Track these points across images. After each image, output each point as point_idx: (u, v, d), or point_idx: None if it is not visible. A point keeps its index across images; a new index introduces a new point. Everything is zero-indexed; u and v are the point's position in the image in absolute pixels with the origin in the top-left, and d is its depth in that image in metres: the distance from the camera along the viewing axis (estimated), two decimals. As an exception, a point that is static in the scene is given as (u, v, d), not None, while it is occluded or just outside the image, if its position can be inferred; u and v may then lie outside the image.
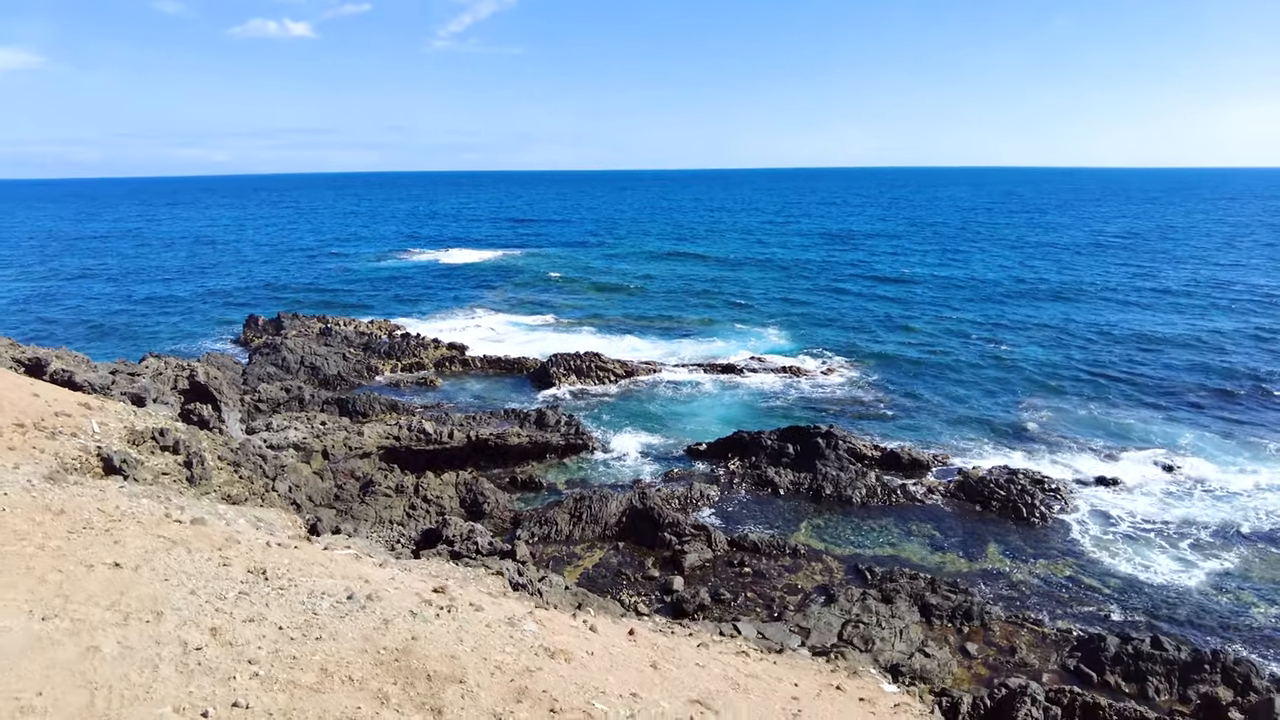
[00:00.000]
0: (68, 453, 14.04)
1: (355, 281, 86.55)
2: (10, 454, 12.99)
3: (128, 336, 60.30)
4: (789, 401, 42.95)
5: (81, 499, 10.47)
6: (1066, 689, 15.81)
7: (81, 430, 15.43)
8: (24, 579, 8.49)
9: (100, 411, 17.04)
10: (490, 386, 46.01)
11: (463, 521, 22.87)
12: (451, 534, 21.46)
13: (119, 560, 9.27)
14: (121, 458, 14.60)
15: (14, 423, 14.35)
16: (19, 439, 13.80)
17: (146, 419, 17.86)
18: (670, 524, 26.67)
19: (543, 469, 33.65)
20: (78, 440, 14.83)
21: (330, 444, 30.36)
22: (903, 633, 21.14)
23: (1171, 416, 39.36)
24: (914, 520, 29.01)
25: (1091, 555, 26.22)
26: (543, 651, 9.53)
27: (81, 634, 7.61)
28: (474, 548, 21.06)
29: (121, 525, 10.07)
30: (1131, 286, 76.82)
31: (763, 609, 23.11)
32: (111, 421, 16.74)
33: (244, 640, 8.21)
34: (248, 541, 10.48)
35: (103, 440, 15.46)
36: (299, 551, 10.50)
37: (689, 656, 11.43)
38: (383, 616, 9.37)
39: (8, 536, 9.35)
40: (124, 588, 8.72)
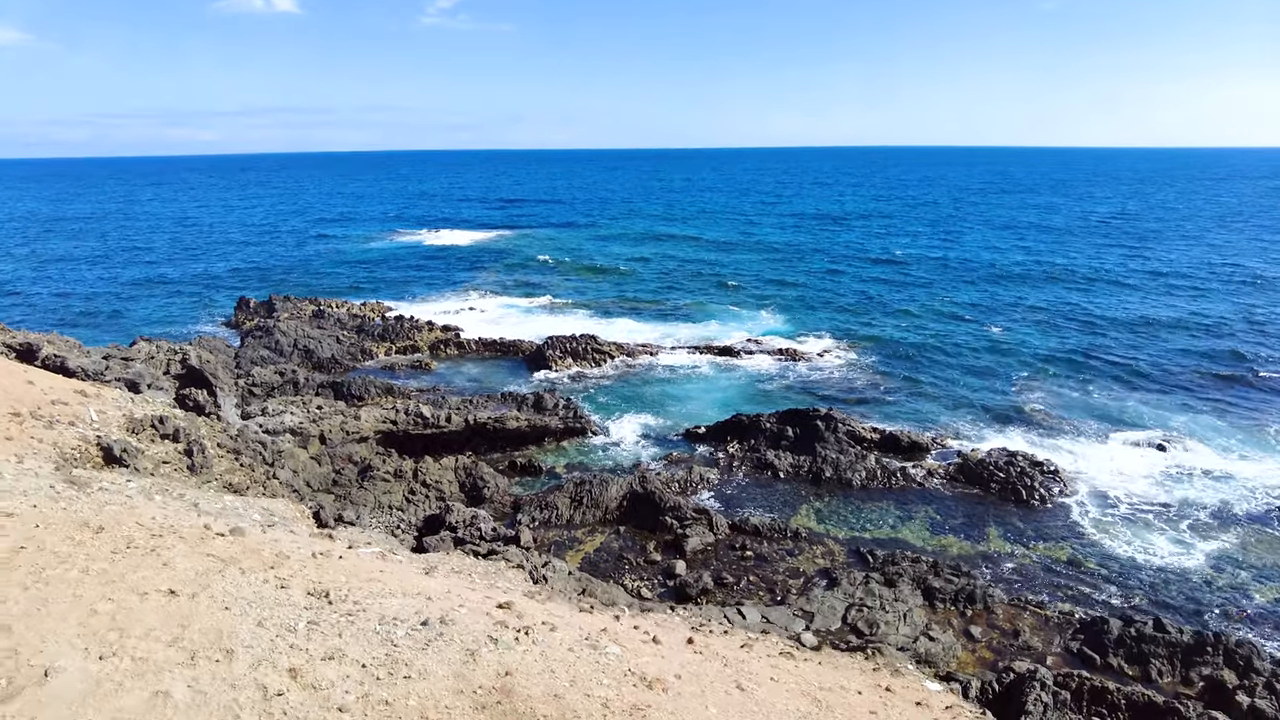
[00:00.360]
0: (67, 442, 13.72)
1: (345, 263, 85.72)
2: (8, 445, 12.67)
3: (115, 320, 59.51)
4: (786, 384, 42.87)
5: (114, 509, 9.84)
6: (1075, 673, 15.84)
7: (79, 419, 15.09)
8: (73, 610, 7.81)
9: (97, 399, 16.68)
10: (486, 369, 45.71)
11: (465, 507, 22.69)
12: (454, 520, 21.28)
13: (173, 586, 8.66)
14: (122, 447, 14.29)
15: (10, 412, 14.00)
16: (16, 429, 13.46)
17: (144, 406, 17.51)
18: (671, 508, 26.58)
19: (541, 453, 33.48)
20: (76, 429, 14.50)
21: (327, 429, 30.06)
22: (906, 616, 21.17)
23: (1166, 399, 39.50)
24: (914, 503, 29.03)
25: (1091, 537, 26.32)
26: (639, 682, 9.05)
27: (146, 676, 7.01)
28: (477, 534, 20.89)
29: (165, 543, 9.40)
30: (1124, 268, 76.97)
31: (765, 593, 23.09)
32: (109, 409, 16.39)
33: (328, 682, 7.62)
34: (296, 555, 9.88)
35: (101, 429, 15.14)
36: (345, 562, 10.12)
37: (758, 670, 11.09)
38: (464, 646, 8.90)
39: (48, 559, 8.71)
40: (184, 619, 8.07)
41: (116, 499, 9.96)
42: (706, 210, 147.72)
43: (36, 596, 7.86)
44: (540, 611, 11.03)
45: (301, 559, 9.89)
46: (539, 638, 9.64)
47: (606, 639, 10.14)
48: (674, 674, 9.66)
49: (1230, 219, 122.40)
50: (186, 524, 9.92)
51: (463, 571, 12.62)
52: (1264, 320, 54.49)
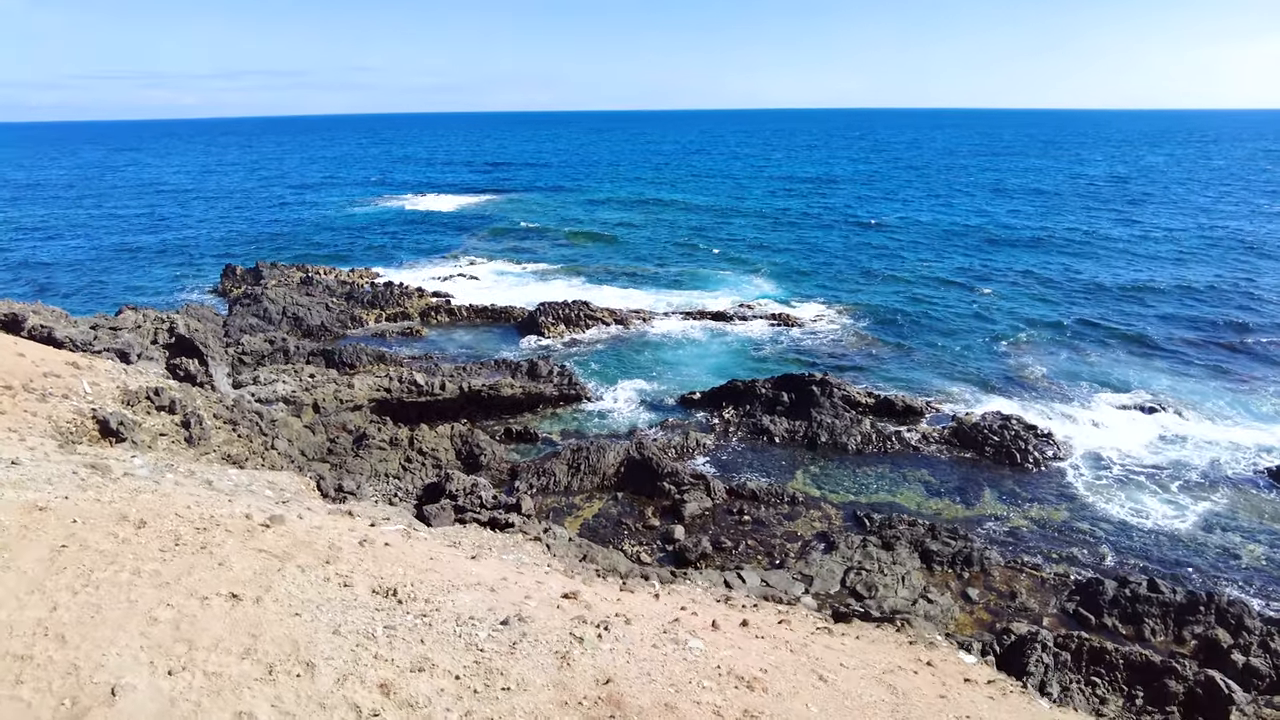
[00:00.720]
0: (61, 416, 13.41)
1: (330, 229, 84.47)
2: (1, 420, 12.36)
3: (97, 289, 58.52)
4: (779, 349, 42.83)
5: (148, 499, 9.21)
6: (1074, 634, 16.04)
7: (73, 391, 14.76)
8: (131, 618, 7.18)
9: (90, 371, 16.32)
10: (478, 336, 45.37)
11: (464, 475, 22.59)
12: (454, 488, 21.19)
13: (234, 589, 8.02)
14: (118, 420, 14.00)
15: (1, 385, 13.64)
16: (9, 402, 13.13)
17: (138, 378, 17.16)
18: (669, 473, 26.61)
19: (537, 420, 33.38)
20: (70, 402, 14.18)
21: (320, 397, 29.79)
22: (904, 579, 21.39)
23: (1155, 363, 39.78)
24: (909, 467, 29.20)
25: (1085, 499, 26.60)
26: (738, 682, 8.58)
27: (224, 694, 6.44)
28: (478, 502, 20.83)
29: (213, 537, 8.81)
30: (1114, 232, 77.05)
31: (764, 557, 23.24)
32: (103, 381, 16.05)
33: (424, 698, 7.04)
34: (347, 546, 9.45)
35: (96, 401, 14.83)
36: (393, 550, 9.79)
37: (821, 655, 10.84)
38: (552, 648, 8.44)
39: (95, 560, 8.00)
40: (254, 628, 7.46)
41: (146, 485, 9.57)
42: (695, 174, 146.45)
43: (88, 602, 7.25)
44: (603, 599, 10.82)
45: (353, 549, 9.38)
46: (619, 633, 9.25)
47: (683, 631, 9.79)
48: (759, 668, 9.40)
49: (1219, 182, 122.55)
50: (224, 512, 9.38)
51: (485, 547, 12.46)
52: (1252, 284, 54.80)
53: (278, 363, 37.39)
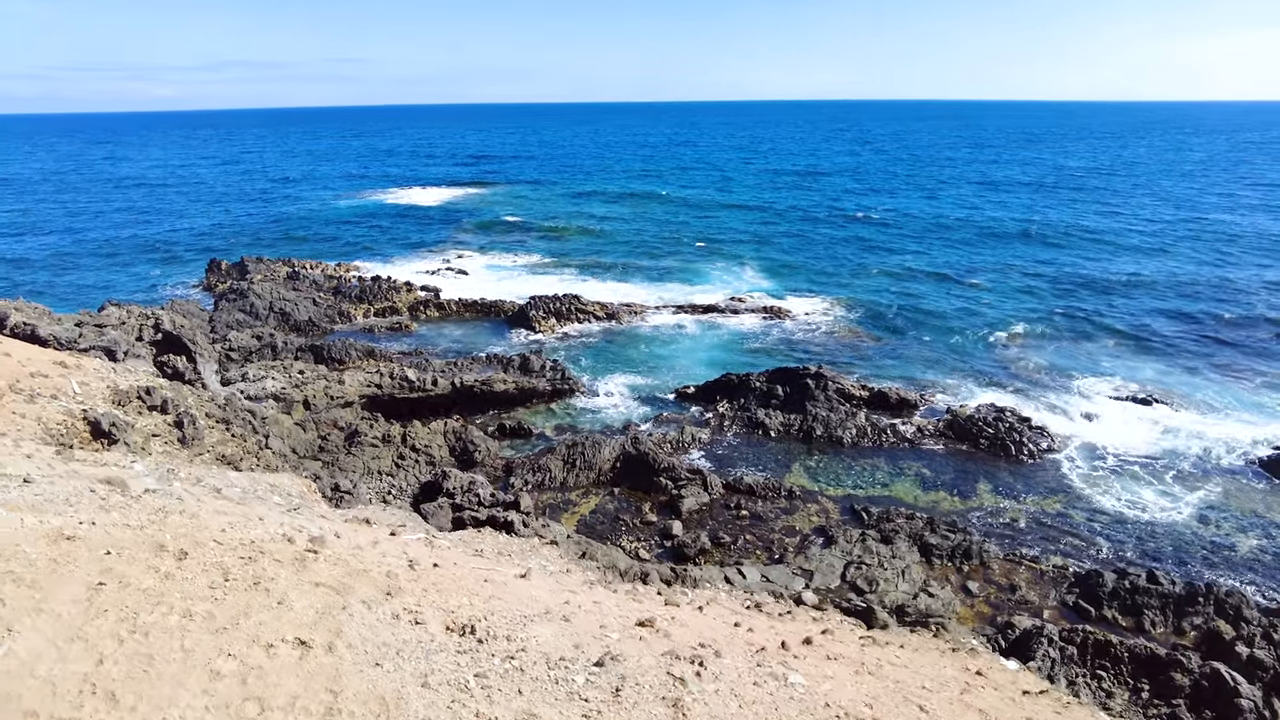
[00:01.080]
0: (51, 417, 12.99)
1: (313, 223, 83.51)
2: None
3: (78, 285, 57.55)
4: (771, 342, 42.74)
5: (177, 520, 8.11)
6: (1078, 627, 16.05)
7: (61, 391, 14.34)
8: (190, 672, 6.23)
9: (78, 370, 15.88)
10: (468, 331, 44.98)
11: (461, 473, 22.32)
12: (451, 486, 20.92)
13: (300, 634, 7.02)
14: (110, 421, 13.61)
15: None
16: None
17: (127, 377, 16.73)
18: (665, 469, 26.45)
19: (530, 415, 33.10)
20: (59, 403, 13.76)
21: (311, 394, 29.37)
22: (904, 573, 21.35)
23: (1144, 353, 40.03)
24: (905, 460, 29.19)
25: (1080, 491, 26.69)
26: None
27: None
28: (475, 500, 20.57)
29: (264, 570, 7.78)
30: (1099, 224, 77.52)
31: (762, 551, 23.15)
32: (92, 381, 15.61)
33: None
34: (401, 571, 8.50)
35: (85, 402, 14.42)
36: (444, 573, 9.13)
37: (907, 680, 10.35)
38: (657, 693, 7.65)
39: (138, 600, 6.93)
40: (332, 681, 6.55)
41: (172, 505, 9.00)
42: (683, 166, 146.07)
43: (138, 652, 6.31)
44: (674, 622, 10.33)
45: (407, 575, 8.41)
46: (715, 669, 8.59)
47: (775, 663, 9.20)
48: (864, 703, 8.87)
49: (1201, 174, 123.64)
50: (263, 535, 8.50)
51: (506, 553, 12.13)
52: (1235, 276, 55.29)
53: (266, 359, 36.90)
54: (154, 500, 9.13)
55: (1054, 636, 15.30)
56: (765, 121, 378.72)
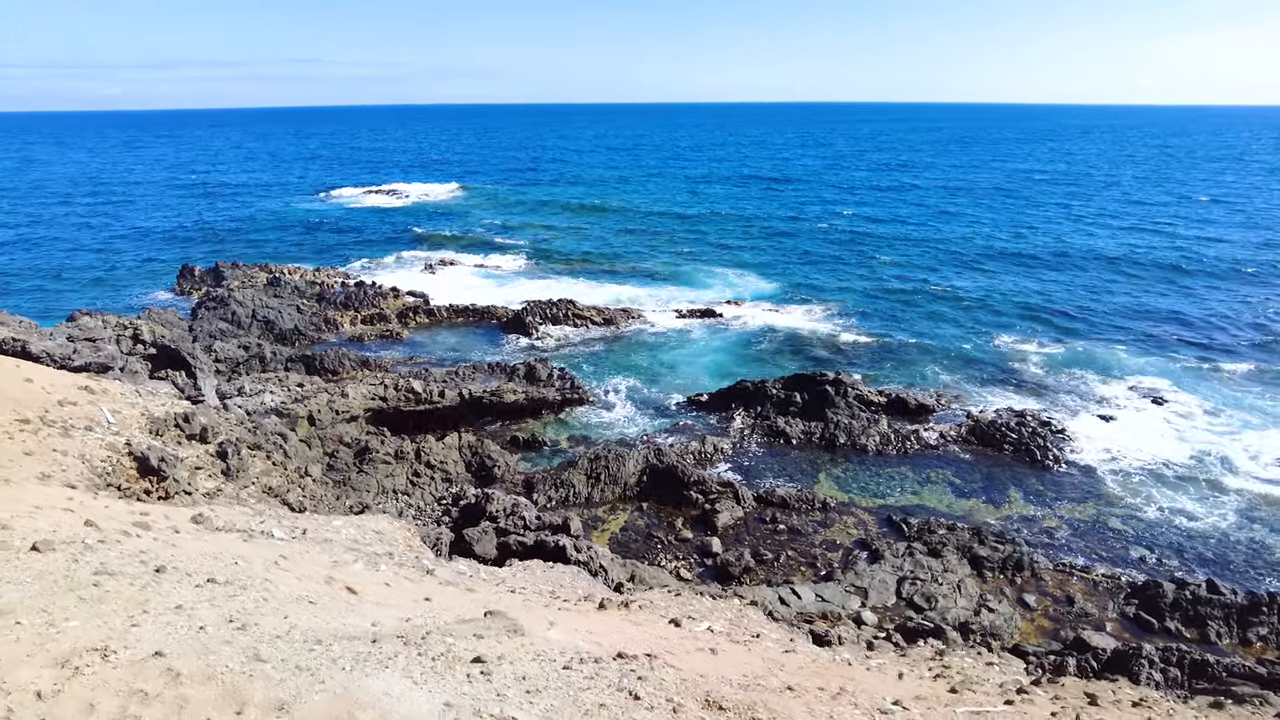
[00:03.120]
0: (94, 454, 11.53)
1: (281, 226, 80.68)
2: (30, 461, 10.43)
3: (39, 292, 54.58)
4: (774, 347, 42.04)
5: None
6: (1173, 647, 15.49)
7: (95, 422, 12.84)
8: None
9: (105, 395, 14.30)
10: (461, 338, 43.48)
11: (504, 495, 21.06)
12: (495, 509, 19.68)
13: None
14: (158, 456, 12.16)
15: (17, 418, 11.66)
16: (32, 440, 11.18)
17: (152, 399, 15.16)
18: (696, 482, 25.50)
19: (540, 426, 31.87)
20: (96, 435, 12.28)
21: (315, 408, 27.76)
22: (960, 588, 20.69)
23: (1151, 354, 40.17)
24: (930, 467, 28.64)
25: (1111, 496, 26.38)
26: None
27: None
28: (521, 523, 19.36)
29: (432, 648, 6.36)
30: (1089, 222, 78.49)
31: (806, 568, 22.33)
32: (122, 407, 14.08)
33: None
34: (559, 643, 7.58)
35: (122, 432, 12.93)
36: (592, 619, 8.01)
37: None
38: None
39: None
40: None
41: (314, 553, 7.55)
42: (669, 169, 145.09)
43: None
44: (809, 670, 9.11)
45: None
46: None
47: None
48: None
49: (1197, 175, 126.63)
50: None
51: (590, 594, 10.58)
52: (1242, 277, 56.10)
53: (254, 370, 35.06)
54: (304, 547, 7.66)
55: (1154, 658, 14.70)
56: (739, 123, 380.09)
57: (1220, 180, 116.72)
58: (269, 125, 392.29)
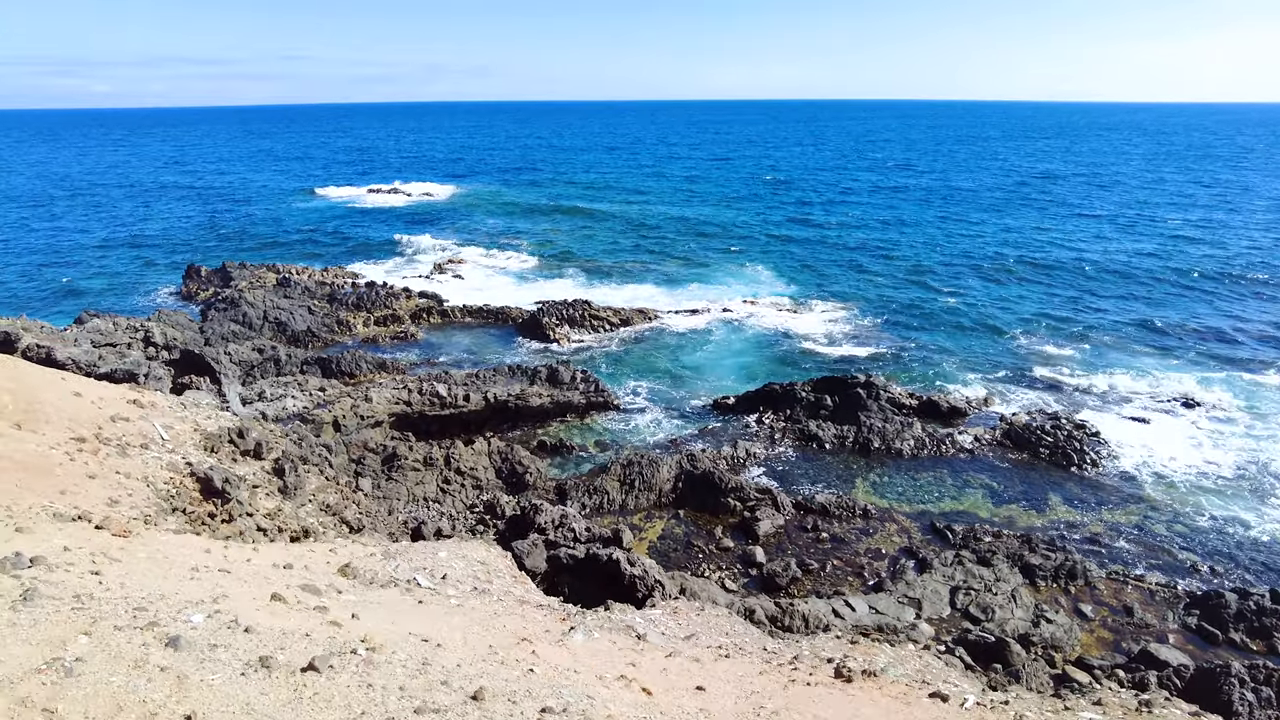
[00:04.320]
0: (156, 476, 10.81)
1: (283, 226, 79.67)
2: (95, 485, 9.70)
3: (38, 294, 53.59)
4: (794, 347, 41.47)
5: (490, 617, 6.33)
6: (1261, 664, 14.98)
7: (149, 439, 12.13)
8: None
9: (153, 409, 13.57)
10: (477, 339, 42.80)
11: (552, 506, 20.41)
12: (544, 521, 19.05)
13: None
14: (222, 476, 11.47)
15: (72, 437, 10.95)
16: (94, 461, 10.44)
17: (198, 412, 14.43)
18: (733, 489, 24.93)
19: (566, 430, 31.26)
20: (153, 454, 11.55)
21: (339, 414, 27.07)
22: (1015, 597, 20.19)
23: (1173, 354, 39.80)
24: (967, 471, 28.15)
25: (1153, 501, 25.94)
26: None
27: None
28: (570, 535, 18.75)
29: None
30: (1107, 223, 78.22)
31: (854, 578, 21.79)
32: (174, 423, 13.36)
33: None
34: None
35: (176, 450, 12.23)
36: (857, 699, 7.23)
37: None
38: None
39: None
40: None
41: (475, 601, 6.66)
42: (652, 168, 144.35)
43: None
44: None
45: None
46: None
47: None
48: None
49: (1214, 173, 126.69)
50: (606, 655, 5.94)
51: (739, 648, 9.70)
52: (1262, 275, 55.80)
53: (269, 374, 34.30)
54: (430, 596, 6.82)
55: (1244, 677, 14.21)
56: (730, 120, 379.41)
57: (1242, 180, 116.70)
58: (260, 123, 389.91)
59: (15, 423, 10.49)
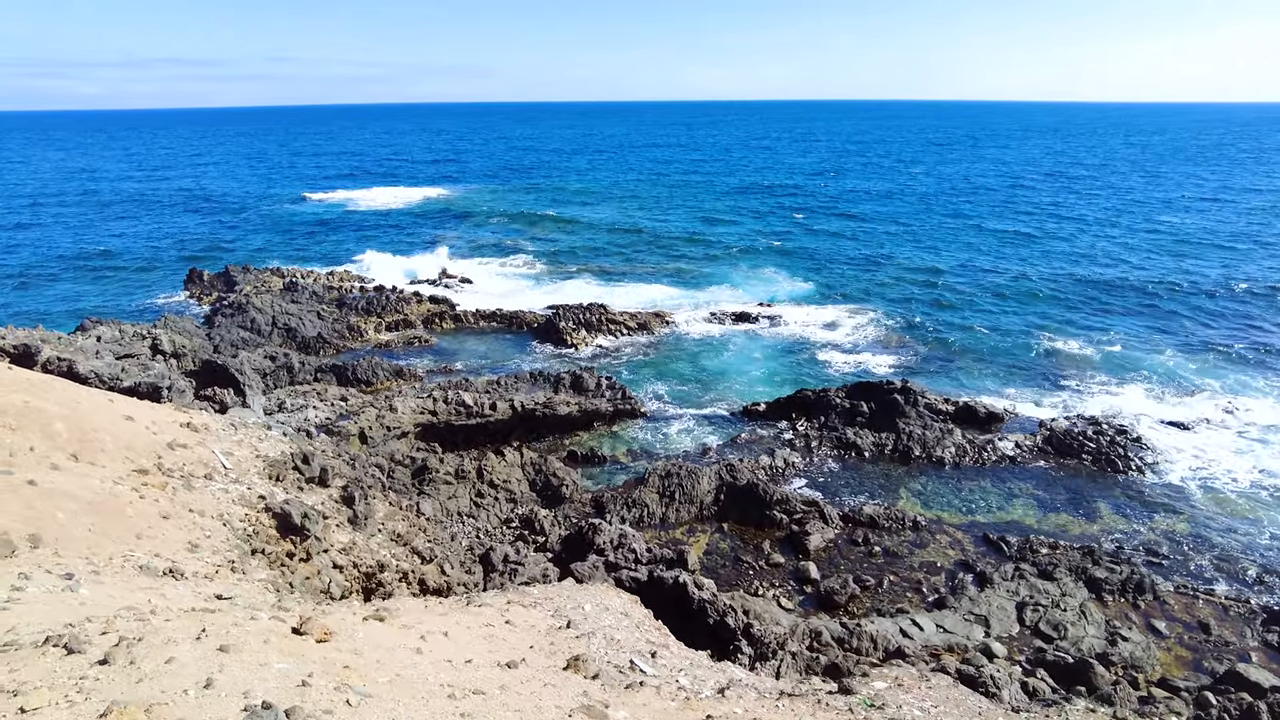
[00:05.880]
0: (231, 513, 9.71)
1: (280, 229, 78.27)
2: (170, 527, 8.57)
3: (38, 298, 52.17)
4: (820, 353, 40.64)
5: None
6: (1375, 690, 14.26)
7: (212, 468, 11.09)
8: None
9: (207, 432, 12.49)
10: (491, 344, 41.79)
11: (609, 525, 19.47)
12: (603, 541, 18.11)
13: None
14: (301, 512, 10.40)
15: (134, 469, 9.85)
16: (164, 499, 9.30)
17: (247, 433, 13.32)
18: (779, 501, 24.07)
19: (595, 439, 30.33)
20: (218, 485, 10.49)
21: (365, 424, 26.03)
22: (1085, 613, 19.43)
23: (1203, 357, 39.24)
24: (1010, 479, 27.42)
25: (1204, 510, 25.26)
26: None
27: None
28: (631, 556, 17.83)
29: None
30: (1130, 225, 77.76)
31: (912, 594, 20.98)
32: (232, 448, 12.29)
33: None
34: None
35: (240, 478, 11.18)
36: None
37: None
38: None
39: None
40: None
41: None
42: (650, 170, 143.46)
43: None
44: None
45: None
46: None
47: None
48: None
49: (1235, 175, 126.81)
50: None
51: None
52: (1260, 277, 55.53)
53: (282, 382, 33.20)
54: None
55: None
56: (706, 123, 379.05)
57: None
58: (250, 125, 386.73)
59: (71, 453, 9.45)
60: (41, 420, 9.71)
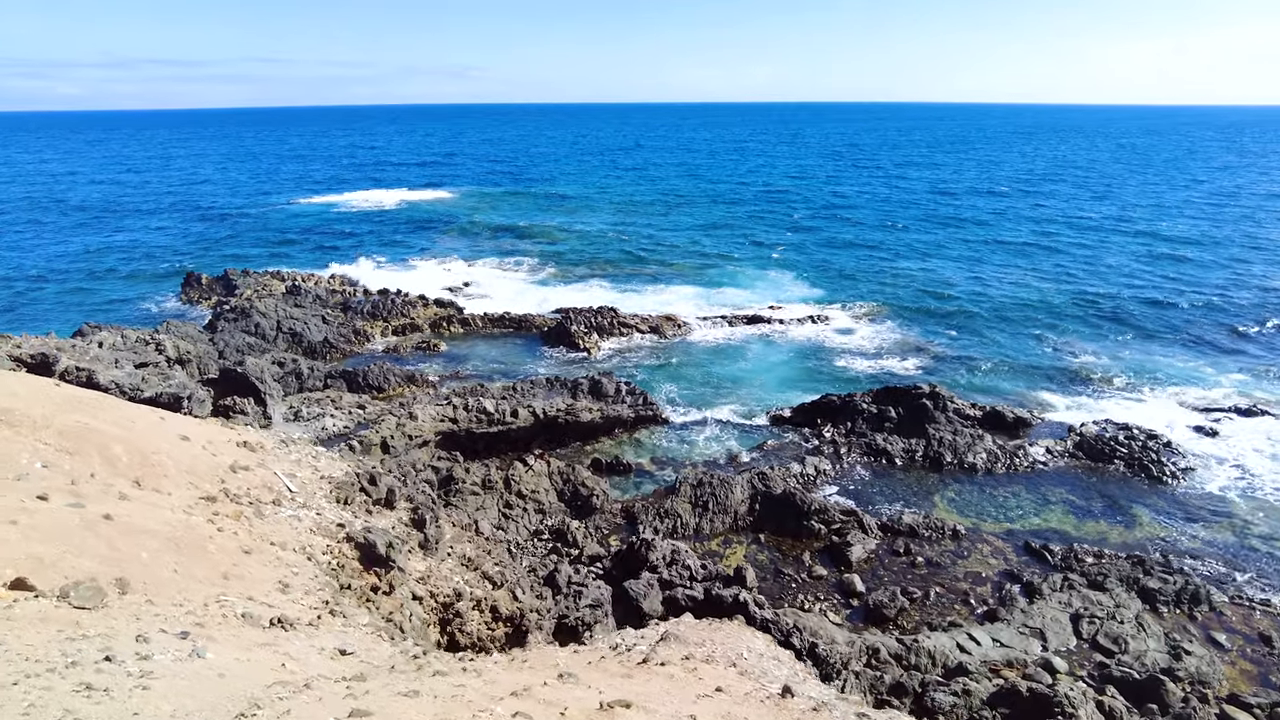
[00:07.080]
0: (313, 544, 8.86)
1: (274, 231, 76.94)
2: (253, 564, 7.64)
3: (36, 302, 50.80)
4: (838, 356, 40.12)
5: None
6: None
7: (277, 492, 10.26)
8: None
9: (263, 451, 11.64)
10: (502, 349, 40.97)
11: (663, 542, 18.75)
12: (656, 559, 17.40)
13: None
14: (386, 542, 9.57)
15: (201, 496, 8.96)
16: (241, 530, 8.39)
17: (300, 450, 12.48)
18: (816, 511, 23.45)
19: (617, 446, 29.64)
20: (288, 511, 9.66)
21: (386, 434, 25.20)
22: (1143, 626, 18.92)
23: (1219, 358, 39.11)
24: (1043, 485, 26.97)
25: (1249, 516, 24.88)
26: None
27: None
28: (686, 574, 17.14)
29: None
30: (1106, 220, 77.96)
31: (961, 606, 20.42)
32: (294, 469, 11.44)
33: None
34: None
35: (308, 503, 10.35)
36: None
37: None
38: None
39: None
40: None
41: None
42: (667, 167, 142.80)
43: None
44: None
45: None
46: None
47: None
48: None
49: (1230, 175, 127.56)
50: None
51: None
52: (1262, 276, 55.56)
53: (290, 388, 32.24)
54: None
55: None
56: (698, 124, 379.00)
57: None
58: (237, 126, 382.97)
59: (134, 479, 8.63)
60: (99, 443, 8.89)
